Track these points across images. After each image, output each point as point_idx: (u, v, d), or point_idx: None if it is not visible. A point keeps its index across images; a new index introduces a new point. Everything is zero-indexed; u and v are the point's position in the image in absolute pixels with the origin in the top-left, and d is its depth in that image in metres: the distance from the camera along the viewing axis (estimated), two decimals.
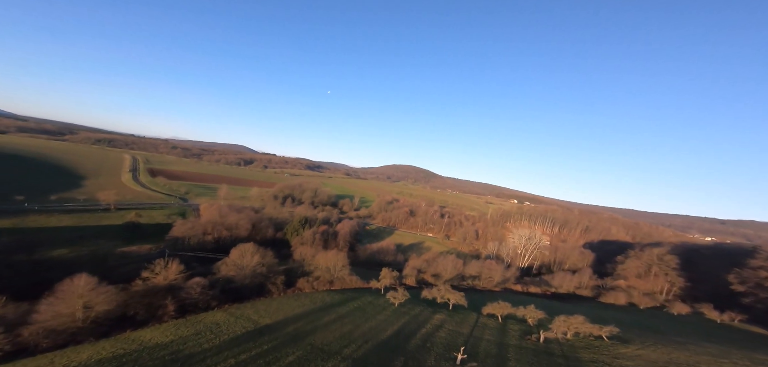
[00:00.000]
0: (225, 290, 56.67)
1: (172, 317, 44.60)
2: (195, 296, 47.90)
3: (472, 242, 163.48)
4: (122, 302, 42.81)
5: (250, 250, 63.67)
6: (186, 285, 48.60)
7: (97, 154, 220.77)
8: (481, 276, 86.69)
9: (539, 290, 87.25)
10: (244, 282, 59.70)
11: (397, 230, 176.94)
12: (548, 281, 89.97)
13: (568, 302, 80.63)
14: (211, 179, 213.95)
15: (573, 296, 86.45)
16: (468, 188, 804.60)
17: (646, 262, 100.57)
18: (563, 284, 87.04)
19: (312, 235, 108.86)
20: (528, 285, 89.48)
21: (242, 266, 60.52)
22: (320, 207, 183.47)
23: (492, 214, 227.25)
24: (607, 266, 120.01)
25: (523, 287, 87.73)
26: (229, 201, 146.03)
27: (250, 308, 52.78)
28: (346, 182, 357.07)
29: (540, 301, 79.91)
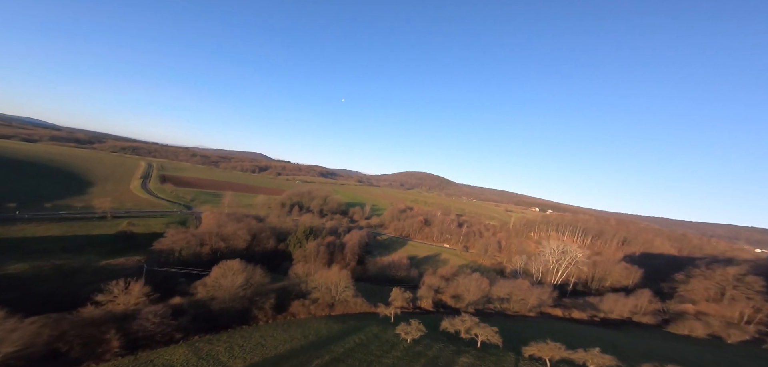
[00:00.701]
0: (198, 317, 46.45)
1: (115, 355, 34.53)
2: (150, 327, 37.69)
3: (495, 254, 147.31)
4: (50, 336, 33.11)
5: (233, 268, 53.46)
6: (142, 313, 38.57)
7: (113, 161, 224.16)
8: (511, 298, 72.24)
9: (585, 315, 71.57)
10: (224, 307, 49.31)
11: (410, 240, 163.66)
12: (595, 304, 74.00)
13: (625, 331, 64.67)
14: (221, 186, 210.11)
15: (629, 323, 70.13)
16: (485, 196, 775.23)
17: (718, 283, 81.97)
18: (615, 307, 70.97)
19: (316, 247, 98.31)
20: (569, 309, 73.95)
21: (222, 288, 50.21)
22: (329, 215, 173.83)
23: (514, 223, 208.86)
24: (662, 285, 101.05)
25: (565, 312, 72.35)
26: (234, 209, 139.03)
27: (223, 341, 42.05)
28: (358, 189, 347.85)
29: (589, 330, 64.46)
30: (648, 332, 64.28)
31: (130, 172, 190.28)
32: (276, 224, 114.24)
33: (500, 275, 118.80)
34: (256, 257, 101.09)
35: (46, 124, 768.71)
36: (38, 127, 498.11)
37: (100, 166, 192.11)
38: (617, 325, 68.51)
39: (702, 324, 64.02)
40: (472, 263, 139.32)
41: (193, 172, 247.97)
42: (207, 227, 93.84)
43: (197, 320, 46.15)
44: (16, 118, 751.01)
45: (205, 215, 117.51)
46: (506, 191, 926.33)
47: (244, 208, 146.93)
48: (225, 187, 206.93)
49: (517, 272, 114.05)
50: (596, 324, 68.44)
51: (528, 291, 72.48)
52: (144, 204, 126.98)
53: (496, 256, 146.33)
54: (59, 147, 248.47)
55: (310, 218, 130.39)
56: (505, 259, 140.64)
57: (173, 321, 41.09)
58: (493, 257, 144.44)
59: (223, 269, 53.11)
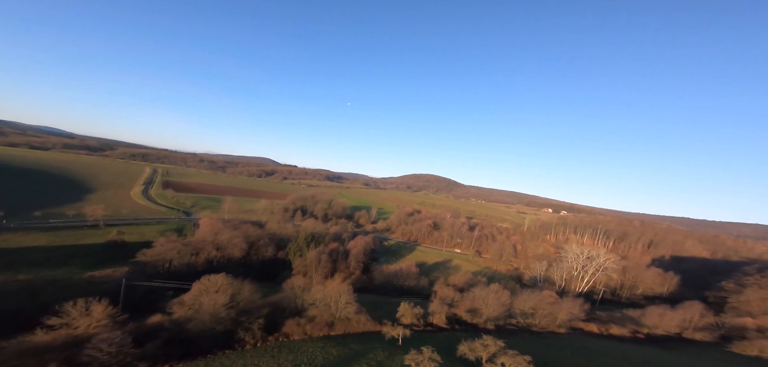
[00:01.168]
0: (171, 341, 39.47)
1: None
2: (103, 357, 30.80)
3: (510, 259, 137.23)
4: None
5: (217, 284, 46.52)
6: (94, 340, 31.74)
7: (119, 167, 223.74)
8: (537, 312, 63.17)
9: (625, 330, 61.80)
10: (204, 329, 42.26)
11: (419, 245, 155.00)
12: (636, 318, 64.10)
13: (679, 351, 54.84)
14: (224, 191, 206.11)
15: (679, 341, 60.08)
16: (494, 197, 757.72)
17: None
18: (661, 321, 61.00)
19: (317, 255, 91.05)
20: (606, 324, 64.19)
21: (202, 308, 43.21)
22: (334, 220, 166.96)
23: (529, 225, 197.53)
24: (706, 294, 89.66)
25: (601, 327, 62.67)
26: (234, 215, 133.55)
27: None
28: (364, 193, 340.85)
29: (634, 349, 54.86)
30: (705, 352, 54.26)
31: (133, 179, 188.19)
32: (275, 230, 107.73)
33: (518, 283, 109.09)
34: (253, 267, 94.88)
35: (63, 133, 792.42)
36: (52, 136, 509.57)
37: (104, 173, 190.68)
38: (665, 342, 58.61)
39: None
40: (485, 269, 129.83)
41: (198, 178, 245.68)
42: (201, 235, 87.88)
43: (170, 345, 39.13)
44: (35, 127, 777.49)
45: (203, 221, 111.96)
46: (516, 191, 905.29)
47: (244, 214, 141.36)
48: (228, 192, 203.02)
49: (537, 279, 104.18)
50: (640, 342, 58.72)
51: (556, 304, 63.28)
52: (142, 211, 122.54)
53: (512, 261, 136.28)
54: (66, 154, 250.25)
55: (313, 223, 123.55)
56: (522, 264, 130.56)
57: (135, 349, 34.10)
58: (509, 263, 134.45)
59: (205, 284, 46.20)
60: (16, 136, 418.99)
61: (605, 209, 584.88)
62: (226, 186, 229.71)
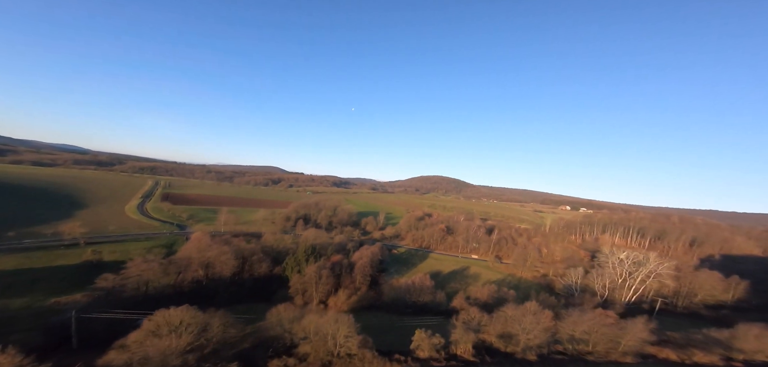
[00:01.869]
0: None
1: None
2: None
3: (536, 264, 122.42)
4: None
5: (174, 319, 35.37)
6: None
7: (121, 180, 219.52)
8: (591, 337, 49.62)
9: (714, 358, 47.35)
10: None
11: (432, 253, 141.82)
12: (724, 341, 49.46)
13: None
14: (226, 202, 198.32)
15: None
16: (506, 196, 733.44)
17: None
18: (761, 344, 46.41)
19: (317, 271, 79.53)
20: (686, 349, 49.75)
21: (149, 356, 31.98)
22: (339, 228, 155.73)
23: (552, 225, 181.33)
24: None
25: (681, 354, 48.35)
26: (231, 226, 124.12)
27: None
28: (371, 197, 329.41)
29: None
30: None
31: (132, 192, 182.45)
32: (271, 243, 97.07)
33: (549, 293, 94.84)
34: (246, 285, 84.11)
35: (80, 150, 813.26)
36: (68, 152, 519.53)
37: (104, 187, 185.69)
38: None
39: None
40: (508, 277, 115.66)
41: (201, 189, 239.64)
42: (187, 253, 77.72)
43: None
44: (56, 146, 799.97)
45: (193, 236, 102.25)
46: (528, 189, 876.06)
47: (242, 225, 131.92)
48: (229, 202, 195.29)
49: (573, 288, 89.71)
50: None
51: (617, 326, 49.56)
52: (132, 226, 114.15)
53: (538, 267, 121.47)
54: (70, 170, 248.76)
55: (314, 233, 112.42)
56: (551, 270, 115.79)
57: None
58: (535, 269, 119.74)
59: (158, 322, 35.10)
60: (29, 154, 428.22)
61: (625, 204, 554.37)
62: (229, 196, 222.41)
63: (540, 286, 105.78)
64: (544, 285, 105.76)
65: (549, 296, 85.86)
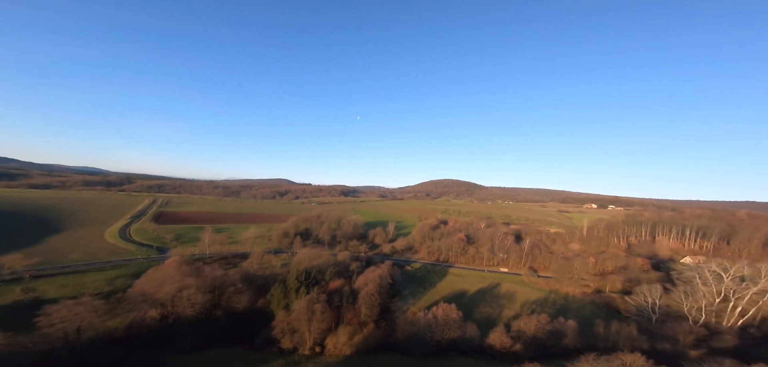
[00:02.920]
0: None
1: None
2: None
3: (583, 277, 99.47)
4: None
5: None
6: None
7: (117, 200, 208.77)
8: None
9: None
10: None
11: (452, 267, 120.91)
12: None
13: None
14: (225, 219, 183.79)
15: None
16: (521, 196, 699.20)
17: None
18: None
19: (308, 305, 60.74)
20: None
21: None
22: (343, 243, 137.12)
23: (590, 227, 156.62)
24: None
25: None
26: (217, 247, 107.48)
27: None
28: (380, 206, 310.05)
29: None
30: None
31: (123, 212, 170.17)
32: (255, 268, 79.02)
33: (615, 316, 72.83)
34: (219, 325, 66.29)
35: (99, 171, 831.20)
36: (85, 174, 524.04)
37: (95, 208, 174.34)
38: None
39: None
40: (550, 294, 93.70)
41: (201, 206, 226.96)
42: (141, 287, 60.59)
43: None
44: (77, 168, 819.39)
45: (167, 262, 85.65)
46: (545, 188, 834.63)
47: (232, 244, 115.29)
48: (227, 219, 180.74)
49: (649, 309, 67.35)
50: None
51: None
52: (104, 252, 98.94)
53: (587, 280, 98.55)
54: (66, 192, 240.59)
55: (310, 253, 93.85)
56: (607, 285, 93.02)
57: None
58: (583, 283, 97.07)
59: None
60: (40, 177, 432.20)
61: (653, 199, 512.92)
62: (228, 212, 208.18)
63: (597, 306, 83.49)
64: (602, 305, 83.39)
65: (619, 323, 63.89)
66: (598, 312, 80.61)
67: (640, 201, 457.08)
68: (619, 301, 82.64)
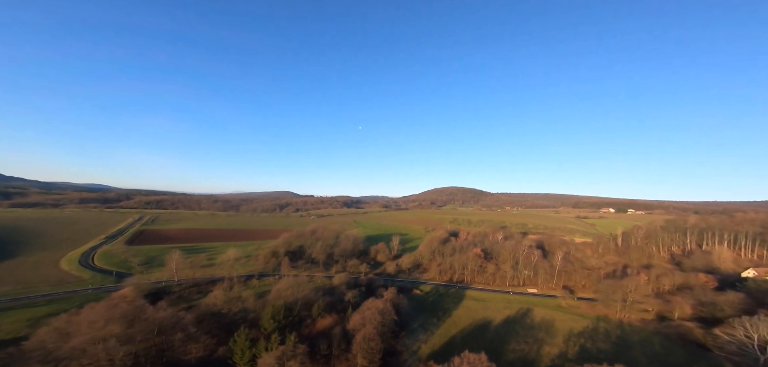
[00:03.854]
0: None
1: None
2: None
3: (642, 300, 78.99)
4: None
5: None
6: None
7: (98, 219, 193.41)
8: None
9: None
10: None
11: (469, 288, 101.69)
12: None
13: None
14: (212, 236, 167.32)
15: None
16: (530, 202, 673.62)
17: None
18: None
19: (279, 362, 42.54)
20: None
21: None
22: (341, 261, 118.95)
23: (626, 236, 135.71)
24: None
25: None
26: (188, 271, 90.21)
27: None
28: (383, 217, 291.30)
29: None
30: None
31: (101, 232, 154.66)
32: (220, 304, 61.07)
33: (698, 353, 53.32)
34: None
35: (105, 188, 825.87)
36: (81, 191, 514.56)
37: (68, 228, 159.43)
38: None
39: None
40: (600, 321, 74.32)
41: (191, 222, 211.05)
42: (40, 340, 43.01)
43: None
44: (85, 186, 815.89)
45: (117, 293, 68.49)
46: (554, 193, 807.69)
47: (209, 267, 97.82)
48: (214, 236, 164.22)
49: (758, 348, 47.60)
50: None
51: None
52: (46, 282, 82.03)
53: (645, 304, 78.27)
54: (48, 211, 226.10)
55: (293, 281, 75.42)
56: (675, 309, 72.89)
57: None
58: (639, 307, 77.04)
59: None
60: (35, 195, 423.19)
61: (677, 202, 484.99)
62: (218, 229, 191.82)
63: (667, 339, 63.68)
64: (675, 338, 63.59)
65: None
66: (672, 347, 61.02)
67: (660, 204, 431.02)
68: (698, 332, 62.83)
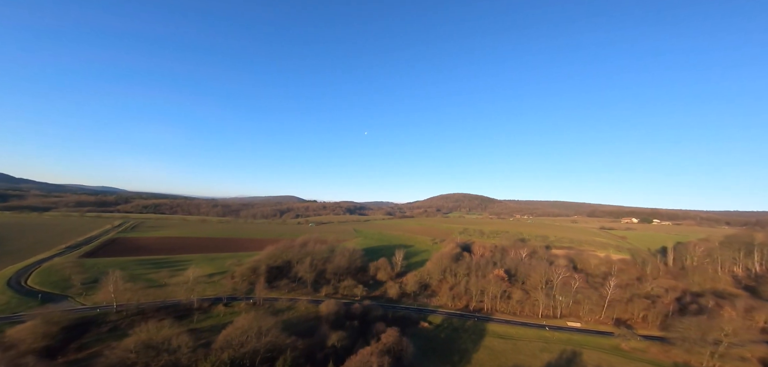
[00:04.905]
0: None
1: None
2: None
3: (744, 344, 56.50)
4: None
5: None
6: None
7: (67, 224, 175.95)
8: None
9: None
10: None
11: (490, 320, 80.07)
12: None
13: None
14: (192, 246, 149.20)
15: None
16: (540, 210, 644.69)
17: None
18: None
19: None
20: None
21: None
22: (333, 280, 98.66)
23: (682, 253, 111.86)
24: None
25: None
26: (128, 295, 71.11)
27: None
28: (386, 225, 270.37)
29: None
30: None
31: (65, 239, 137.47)
32: (131, 356, 41.05)
33: None
34: None
35: (112, 190, 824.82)
36: (71, 194, 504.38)
37: (29, 234, 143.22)
38: None
39: None
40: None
41: (175, 230, 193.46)
42: None
43: None
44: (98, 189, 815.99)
45: (12, 331, 49.30)
46: (566, 201, 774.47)
47: (157, 290, 78.27)
48: (195, 246, 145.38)
49: None
50: None
51: None
52: None
53: (749, 350, 55.83)
54: (23, 215, 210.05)
55: (253, 325, 54.52)
56: None
57: None
58: (736, 354, 54.69)
59: None
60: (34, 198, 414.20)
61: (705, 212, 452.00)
62: (203, 237, 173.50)
63: None
64: None
65: None
66: None
67: (685, 214, 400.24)
68: None
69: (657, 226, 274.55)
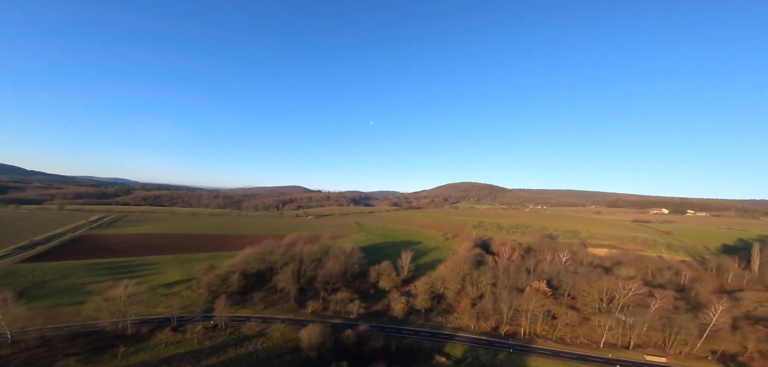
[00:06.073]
0: None
1: None
2: None
3: None
4: None
5: None
6: None
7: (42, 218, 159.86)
8: None
9: None
10: None
11: (531, 350, 57.99)
12: None
13: None
14: (169, 246, 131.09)
15: None
16: (554, 199, 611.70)
17: None
18: None
19: None
20: None
21: None
22: (322, 291, 78.00)
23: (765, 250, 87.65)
24: None
25: None
26: (40, 319, 51.30)
27: None
28: (391, 218, 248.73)
29: None
30: None
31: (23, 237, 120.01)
32: None
33: None
34: None
35: (122, 182, 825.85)
36: (71, 186, 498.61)
37: None
38: None
39: None
40: None
41: (159, 225, 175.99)
42: None
43: None
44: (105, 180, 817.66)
45: None
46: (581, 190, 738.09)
47: (71, 313, 58.87)
48: (173, 245, 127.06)
49: None
50: None
51: None
52: None
53: None
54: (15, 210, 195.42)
55: None
56: None
57: None
58: None
59: None
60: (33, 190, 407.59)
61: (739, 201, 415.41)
62: (184, 233, 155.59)
63: None
64: None
65: None
66: None
67: (718, 203, 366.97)
68: None
69: (695, 218, 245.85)
